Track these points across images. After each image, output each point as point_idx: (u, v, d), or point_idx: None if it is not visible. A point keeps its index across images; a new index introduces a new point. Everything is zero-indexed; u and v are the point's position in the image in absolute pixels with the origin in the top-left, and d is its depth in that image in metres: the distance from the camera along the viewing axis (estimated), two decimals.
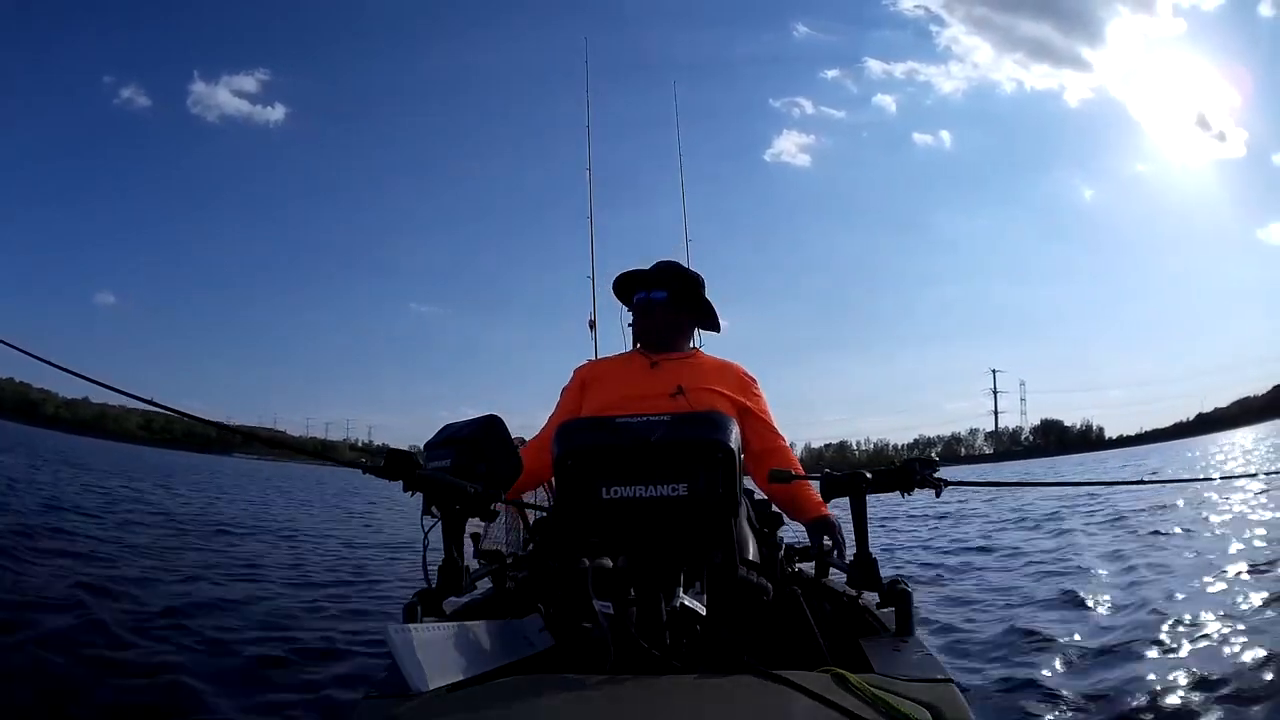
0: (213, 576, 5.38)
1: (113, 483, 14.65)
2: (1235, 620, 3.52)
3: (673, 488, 1.31)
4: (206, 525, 9.31)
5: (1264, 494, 8.82)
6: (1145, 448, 51.03)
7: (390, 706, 1.10)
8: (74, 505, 9.26)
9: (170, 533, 8.08)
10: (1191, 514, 7.99)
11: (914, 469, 1.50)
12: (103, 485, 13.67)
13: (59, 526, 7.11)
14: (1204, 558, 5.32)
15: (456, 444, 2.35)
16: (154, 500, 12.39)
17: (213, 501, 13.86)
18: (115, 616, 3.83)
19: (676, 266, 2.17)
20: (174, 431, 64.07)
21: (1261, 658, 2.93)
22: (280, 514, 12.55)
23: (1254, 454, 21.92)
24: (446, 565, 1.53)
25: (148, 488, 14.86)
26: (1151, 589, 4.41)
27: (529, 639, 1.44)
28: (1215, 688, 2.69)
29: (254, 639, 3.64)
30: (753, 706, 1.08)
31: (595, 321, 3.60)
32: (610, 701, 1.11)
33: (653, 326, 2.09)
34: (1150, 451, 41.23)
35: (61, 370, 1.42)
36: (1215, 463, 19.92)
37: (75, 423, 58.60)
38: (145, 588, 4.69)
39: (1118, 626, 3.66)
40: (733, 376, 2.05)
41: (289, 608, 4.48)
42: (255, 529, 9.46)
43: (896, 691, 1.08)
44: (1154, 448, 47.95)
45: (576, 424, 1.48)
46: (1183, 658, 3.05)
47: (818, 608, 1.64)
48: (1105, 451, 54.55)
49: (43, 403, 60.44)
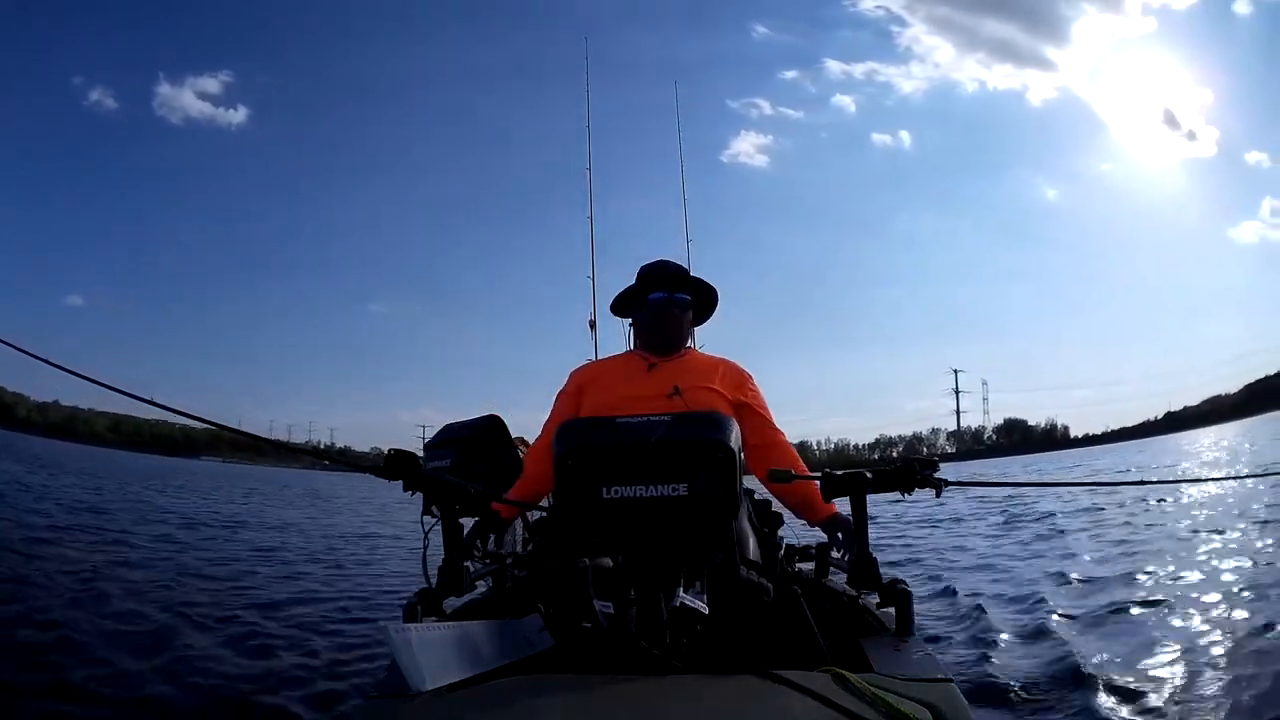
0: (212, 576, 5.38)
1: (100, 485, 14.68)
2: (1235, 617, 3.52)
3: (673, 488, 1.31)
4: (203, 525, 9.32)
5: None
6: (1105, 447, 51.24)
7: (390, 706, 1.10)
8: (91, 506, 9.29)
9: (167, 532, 8.09)
10: (1191, 515, 8.00)
11: (914, 469, 1.49)
12: (95, 487, 13.69)
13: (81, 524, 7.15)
14: (1204, 556, 5.33)
15: (456, 444, 2.36)
16: (146, 501, 12.40)
17: (207, 504, 13.87)
18: (114, 616, 3.83)
19: (682, 267, 2.16)
20: (143, 435, 64.93)
21: (1262, 650, 2.94)
22: (277, 515, 12.56)
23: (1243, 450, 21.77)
24: (446, 565, 1.53)
25: (138, 491, 14.92)
26: (1152, 589, 4.42)
27: (529, 639, 1.44)
28: (1215, 687, 2.69)
29: (254, 639, 3.64)
30: (753, 706, 1.08)
31: (595, 321, 3.59)
32: (610, 702, 1.11)
33: (668, 328, 2.05)
34: (1109, 450, 41.45)
35: (70, 374, 1.40)
36: (1184, 464, 19.78)
37: (46, 426, 58.52)
38: (141, 587, 4.69)
39: (1118, 626, 3.66)
40: (727, 374, 2.03)
41: (289, 607, 4.48)
42: (255, 529, 9.46)
43: (896, 691, 1.08)
44: (1116, 446, 48.17)
45: (577, 424, 1.47)
46: (1182, 657, 3.04)
47: (818, 608, 1.64)
48: (1065, 451, 54.68)
49: (15, 405, 60.41)
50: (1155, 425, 66.96)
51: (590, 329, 3.58)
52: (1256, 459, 16.18)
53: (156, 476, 22.36)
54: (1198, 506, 8.44)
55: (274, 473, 39.90)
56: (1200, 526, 6.83)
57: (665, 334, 2.05)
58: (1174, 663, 2.99)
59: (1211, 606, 3.82)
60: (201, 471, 32.14)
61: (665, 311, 2.04)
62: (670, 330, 2.05)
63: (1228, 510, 7.76)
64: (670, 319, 2.05)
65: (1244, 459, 17.35)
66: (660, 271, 2.11)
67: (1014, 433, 74.05)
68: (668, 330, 2.05)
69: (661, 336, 2.05)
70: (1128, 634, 3.49)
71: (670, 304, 2.04)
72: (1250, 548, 5.42)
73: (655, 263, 2.14)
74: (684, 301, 2.06)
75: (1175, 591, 4.28)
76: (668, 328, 2.05)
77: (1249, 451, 20.03)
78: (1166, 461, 20.97)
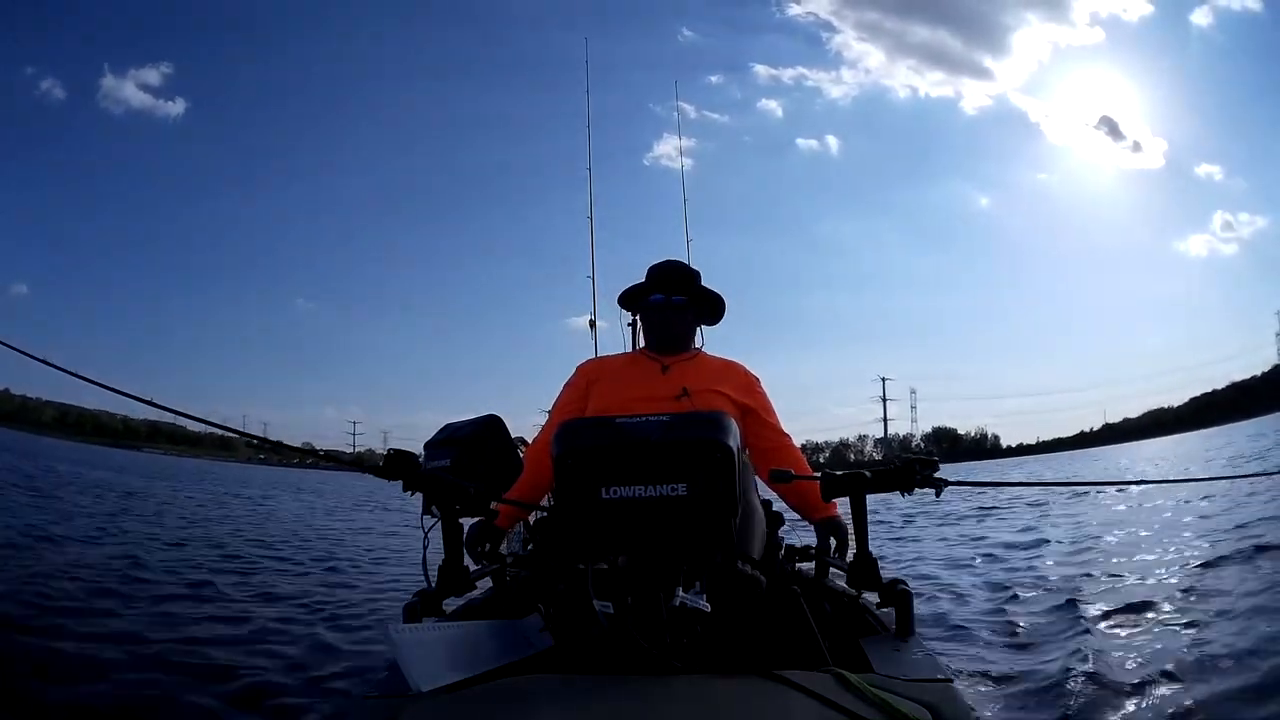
0: (210, 577, 5.38)
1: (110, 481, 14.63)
2: (1235, 618, 3.52)
3: (672, 488, 1.31)
4: (202, 525, 9.31)
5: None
6: (1040, 457, 51.18)
7: (390, 706, 1.10)
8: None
9: (161, 533, 8.08)
10: (1190, 514, 8.01)
11: (914, 469, 1.49)
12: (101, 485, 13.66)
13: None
14: (1204, 556, 5.33)
15: (456, 444, 2.36)
16: (153, 498, 12.39)
17: (212, 504, 13.85)
18: (111, 616, 3.83)
19: (686, 268, 2.17)
20: (85, 427, 66.75)
21: (1264, 650, 2.93)
22: (273, 514, 12.55)
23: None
24: (446, 565, 1.53)
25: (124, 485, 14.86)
26: (1151, 587, 4.42)
27: (529, 639, 1.44)
28: (1215, 686, 2.69)
29: (253, 639, 3.64)
30: (753, 707, 1.08)
31: (595, 321, 3.61)
32: (610, 702, 1.11)
33: (669, 329, 2.08)
34: (1043, 460, 41.13)
35: (66, 374, 1.41)
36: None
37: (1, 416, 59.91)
38: (136, 588, 4.69)
39: (1117, 625, 3.66)
40: (735, 377, 2.05)
41: (288, 607, 4.48)
42: (251, 529, 9.46)
43: (896, 691, 1.08)
44: (1051, 457, 48.05)
45: (577, 424, 1.48)
46: (1182, 655, 3.04)
47: (818, 608, 1.64)
48: (997, 460, 55.00)
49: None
50: (1093, 436, 67.56)
51: (590, 329, 3.61)
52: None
53: (160, 475, 22.48)
54: (1198, 507, 8.44)
55: (242, 470, 39.89)
56: (1200, 526, 6.84)
57: (664, 335, 2.09)
58: (1175, 662, 2.98)
59: (1213, 606, 3.82)
60: (190, 469, 32.19)
61: (663, 313, 2.07)
62: (670, 331, 2.09)
63: (1227, 511, 7.77)
64: (667, 321, 2.08)
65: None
66: (663, 272, 2.13)
67: (943, 441, 75.23)
68: (667, 331, 2.08)
69: (660, 337, 2.09)
70: (1128, 634, 3.48)
71: (667, 306, 2.07)
72: (1251, 547, 5.41)
73: (662, 263, 2.17)
74: (680, 304, 2.07)
75: (1176, 591, 4.28)
76: (666, 329, 2.08)
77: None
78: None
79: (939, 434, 76.77)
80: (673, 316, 2.07)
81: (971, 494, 12.23)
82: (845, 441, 79.00)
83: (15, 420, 59.49)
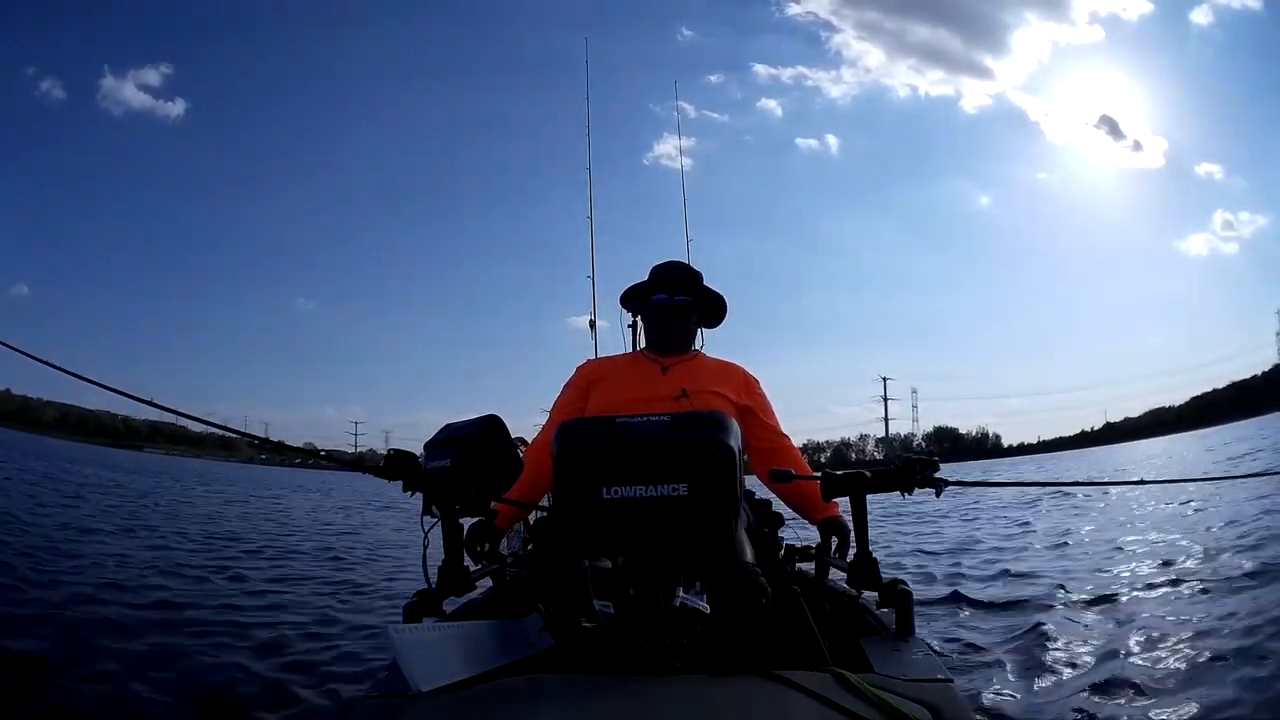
0: (208, 576, 5.38)
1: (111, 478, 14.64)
2: (1239, 614, 3.52)
3: (673, 488, 1.31)
4: (202, 524, 9.31)
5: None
6: (1040, 456, 51.05)
7: (390, 706, 1.10)
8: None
9: (159, 532, 8.08)
10: (1188, 515, 8.01)
11: (914, 469, 1.49)
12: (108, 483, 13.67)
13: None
14: (1203, 555, 5.33)
15: (457, 444, 2.36)
16: (159, 494, 12.40)
17: (218, 504, 13.86)
18: (110, 616, 3.83)
19: (689, 269, 2.17)
20: (86, 427, 67.26)
21: (1264, 650, 2.93)
22: (270, 514, 12.56)
23: None
24: (446, 565, 1.53)
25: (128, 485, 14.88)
26: (1151, 587, 4.42)
27: (529, 639, 1.44)
28: (1215, 685, 2.69)
29: (253, 639, 3.64)
30: (753, 707, 1.07)
31: (595, 321, 3.61)
32: (610, 702, 1.10)
33: (671, 329, 2.08)
34: (1043, 459, 41.01)
35: (66, 374, 1.41)
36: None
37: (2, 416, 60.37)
38: (135, 586, 4.69)
39: (1117, 625, 3.66)
40: (735, 378, 2.05)
41: (288, 607, 4.48)
42: (248, 528, 9.46)
43: (896, 691, 1.08)
44: (1052, 456, 47.94)
45: (577, 424, 1.48)
46: (1182, 654, 3.04)
47: (818, 608, 1.64)
48: (998, 460, 54.93)
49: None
50: (1094, 436, 67.58)
51: (590, 329, 3.61)
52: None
53: (179, 476, 22.51)
54: (1196, 505, 8.46)
55: (246, 470, 39.96)
56: (1197, 525, 6.84)
57: (665, 335, 2.08)
58: (1175, 661, 2.98)
59: (1214, 605, 3.82)
60: (192, 470, 32.26)
61: (665, 313, 2.07)
62: (671, 331, 2.08)
63: (1225, 510, 7.77)
64: (670, 321, 2.07)
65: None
66: (666, 273, 2.13)
67: (944, 441, 75.35)
68: (667, 331, 2.08)
69: (660, 337, 2.09)
70: (1129, 633, 3.48)
71: (670, 307, 2.07)
72: (1249, 548, 5.42)
73: (666, 263, 2.17)
74: (684, 304, 2.07)
75: (1176, 590, 4.28)
76: (667, 329, 2.08)
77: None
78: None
79: (940, 433, 77.12)
80: (675, 317, 2.07)
81: (969, 491, 12.23)
82: (846, 441, 79.42)
83: (16, 420, 59.94)
